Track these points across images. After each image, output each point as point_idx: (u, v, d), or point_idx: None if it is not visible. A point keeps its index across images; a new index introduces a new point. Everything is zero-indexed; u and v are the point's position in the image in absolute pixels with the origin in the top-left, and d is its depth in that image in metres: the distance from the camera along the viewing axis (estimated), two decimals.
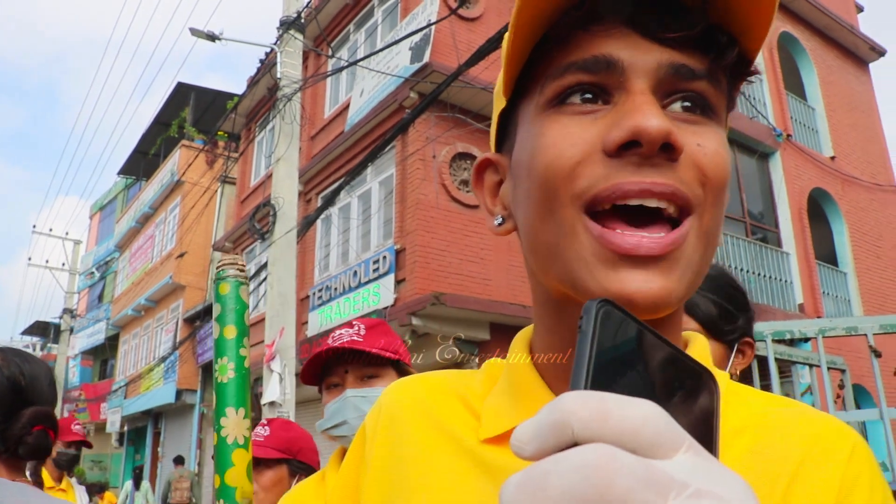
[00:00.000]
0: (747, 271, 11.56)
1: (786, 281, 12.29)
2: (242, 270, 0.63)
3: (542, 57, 0.62)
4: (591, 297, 0.50)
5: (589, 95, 0.60)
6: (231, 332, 0.64)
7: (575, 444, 0.30)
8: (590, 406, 0.30)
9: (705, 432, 0.36)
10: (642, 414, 0.30)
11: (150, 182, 25.96)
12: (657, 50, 0.58)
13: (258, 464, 2.49)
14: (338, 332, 2.09)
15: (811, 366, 5.91)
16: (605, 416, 0.30)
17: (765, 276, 11.94)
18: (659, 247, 0.56)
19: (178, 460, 15.53)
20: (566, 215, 0.59)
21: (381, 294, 11.24)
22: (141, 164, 27.81)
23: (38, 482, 4.40)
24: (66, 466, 4.55)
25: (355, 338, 2.03)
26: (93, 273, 30.58)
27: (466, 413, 0.71)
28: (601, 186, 0.57)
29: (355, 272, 12.27)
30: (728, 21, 0.59)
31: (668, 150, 0.56)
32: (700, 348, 0.71)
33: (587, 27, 0.59)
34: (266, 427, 2.70)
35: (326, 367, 2.09)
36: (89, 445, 4.93)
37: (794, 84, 14.57)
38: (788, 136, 13.26)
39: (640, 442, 0.30)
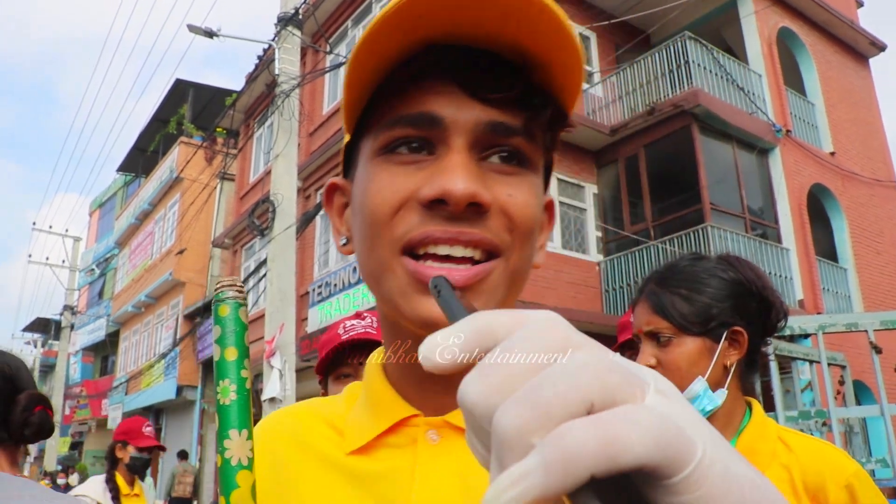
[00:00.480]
0: None
1: (786, 277, 12.27)
2: (241, 292, 0.67)
3: (378, 103, 0.69)
4: (407, 321, 0.66)
5: (416, 145, 0.67)
6: (232, 354, 0.66)
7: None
8: (506, 314, 0.34)
9: None
10: (546, 314, 0.34)
11: (149, 179, 25.95)
12: (479, 108, 0.65)
13: None
14: (349, 322, 2.08)
15: (811, 362, 5.91)
16: (523, 320, 0.34)
17: (764, 272, 11.89)
18: (463, 278, 0.64)
19: (182, 455, 15.56)
20: (386, 254, 0.67)
21: None
22: (140, 160, 27.78)
23: (115, 488, 4.29)
24: (139, 471, 4.38)
25: (370, 330, 2.03)
26: (93, 270, 30.60)
27: (332, 432, 0.78)
28: (415, 233, 0.65)
29: (355, 268, 12.26)
30: (547, 81, 0.65)
31: (475, 206, 0.63)
32: None
33: (418, 82, 0.66)
34: None
35: (337, 357, 2.07)
36: (163, 448, 4.76)
37: (793, 79, 14.53)
38: (788, 131, 13.22)
39: None
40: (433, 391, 0.73)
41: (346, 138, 0.76)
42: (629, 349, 2.05)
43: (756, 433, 1.47)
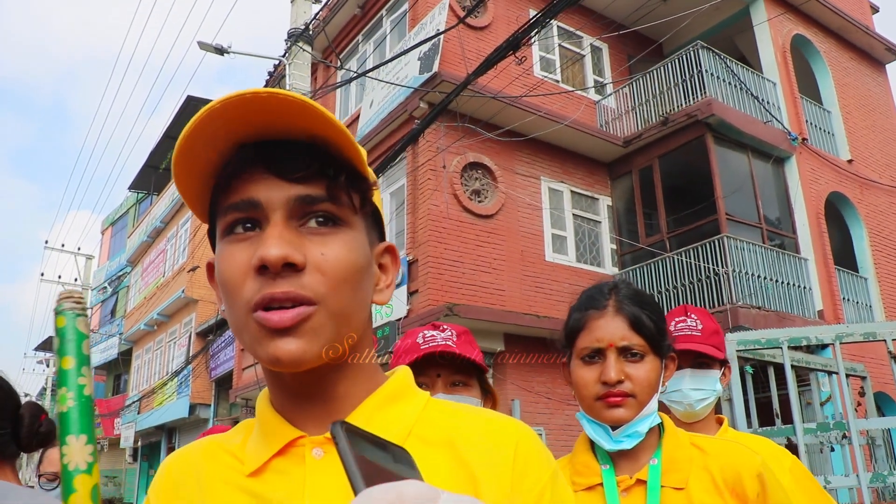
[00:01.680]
0: (764, 278, 11.38)
1: (805, 287, 12.09)
2: (80, 303, 0.74)
3: (216, 196, 0.85)
4: (262, 362, 0.83)
5: (248, 224, 0.82)
6: (69, 363, 0.71)
7: None
8: (389, 493, 0.45)
9: (412, 471, 0.53)
10: (417, 486, 0.46)
11: (161, 196, 26.07)
12: (288, 187, 0.81)
13: None
14: (428, 332, 2.10)
15: (830, 373, 5.75)
16: (400, 496, 0.45)
17: (782, 282, 11.74)
18: (287, 320, 0.78)
19: None
20: (241, 314, 0.81)
21: (394, 305, 11.14)
22: (152, 178, 27.91)
23: None
24: None
25: (450, 343, 2.05)
26: (105, 288, 30.69)
27: (233, 460, 0.90)
28: (256, 296, 0.79)
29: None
30: (338, 154, 0.83)
31: (291, 266, 0.78)
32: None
33: (239, 175, 0.82)
34: None
35: (413, 367, 2.03)
36: None
37: (808, 87, 14.39)
38: (804, 139, 13.07)
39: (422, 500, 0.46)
40: (314, 414, 0.86)
41: (207, 226, 0.92)
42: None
43: (673, 444, 1.59)
